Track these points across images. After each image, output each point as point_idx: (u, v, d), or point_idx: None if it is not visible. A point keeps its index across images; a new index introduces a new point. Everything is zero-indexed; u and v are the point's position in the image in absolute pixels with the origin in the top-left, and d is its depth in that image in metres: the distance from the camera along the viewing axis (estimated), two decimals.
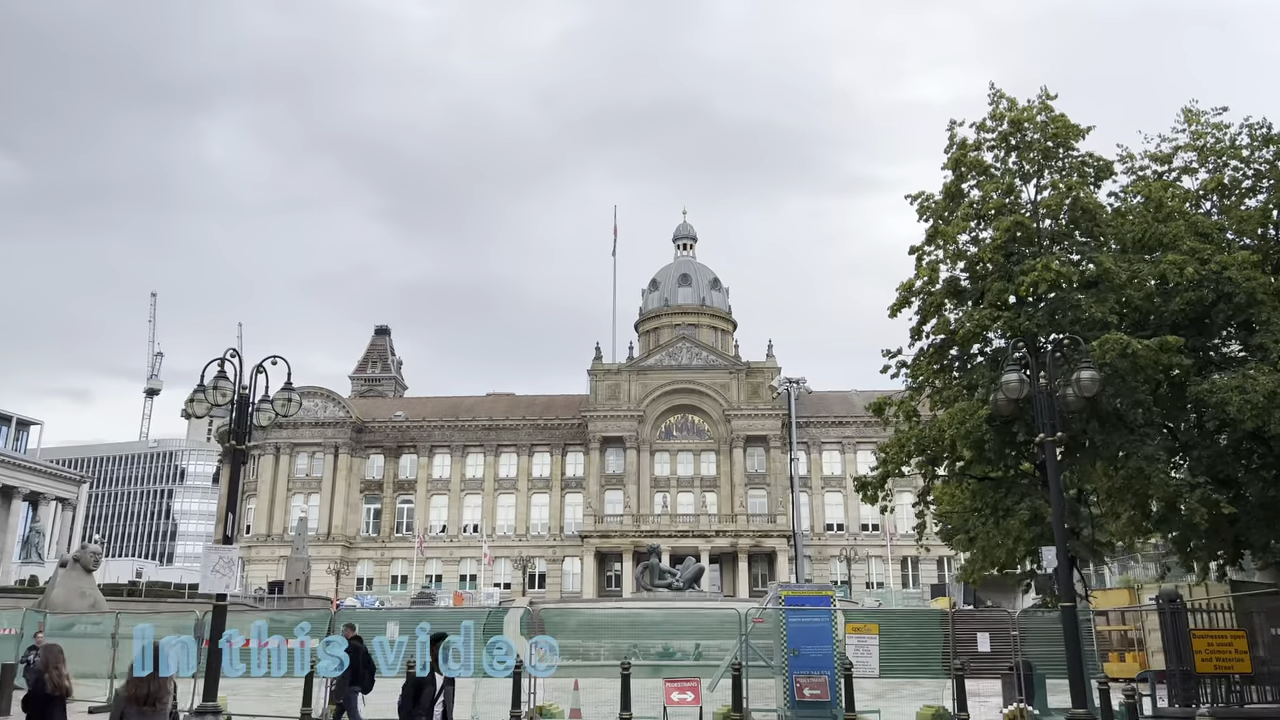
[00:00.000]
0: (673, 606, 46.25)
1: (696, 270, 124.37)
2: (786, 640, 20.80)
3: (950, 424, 22.51)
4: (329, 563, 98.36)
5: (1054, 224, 24.30)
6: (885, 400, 25.73)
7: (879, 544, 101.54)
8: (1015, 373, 20.15)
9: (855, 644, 19.99)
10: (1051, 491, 20.23)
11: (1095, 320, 22.33)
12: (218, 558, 21.20)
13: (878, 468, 25.61)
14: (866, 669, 19.84)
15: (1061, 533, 20.06)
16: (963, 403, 22.94)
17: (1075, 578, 23.85)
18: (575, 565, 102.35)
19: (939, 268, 25.66)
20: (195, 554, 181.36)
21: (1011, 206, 24.65)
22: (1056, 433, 20.19)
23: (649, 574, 62.34)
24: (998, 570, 24.26)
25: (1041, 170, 25.47)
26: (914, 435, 24.25)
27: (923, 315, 25.95)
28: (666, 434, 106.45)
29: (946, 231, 24.83)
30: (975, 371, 24.05)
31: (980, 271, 24.67)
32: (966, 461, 23.58)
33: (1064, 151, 25.35)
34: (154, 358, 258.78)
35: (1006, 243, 23.51)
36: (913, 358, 26.03)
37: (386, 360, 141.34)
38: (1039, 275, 21.81)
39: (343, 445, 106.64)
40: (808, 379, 29.43)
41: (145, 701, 10.23)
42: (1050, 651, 22.72)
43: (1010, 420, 22.21)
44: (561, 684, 21.80)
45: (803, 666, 20.65)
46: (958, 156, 26.08)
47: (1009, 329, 22.49)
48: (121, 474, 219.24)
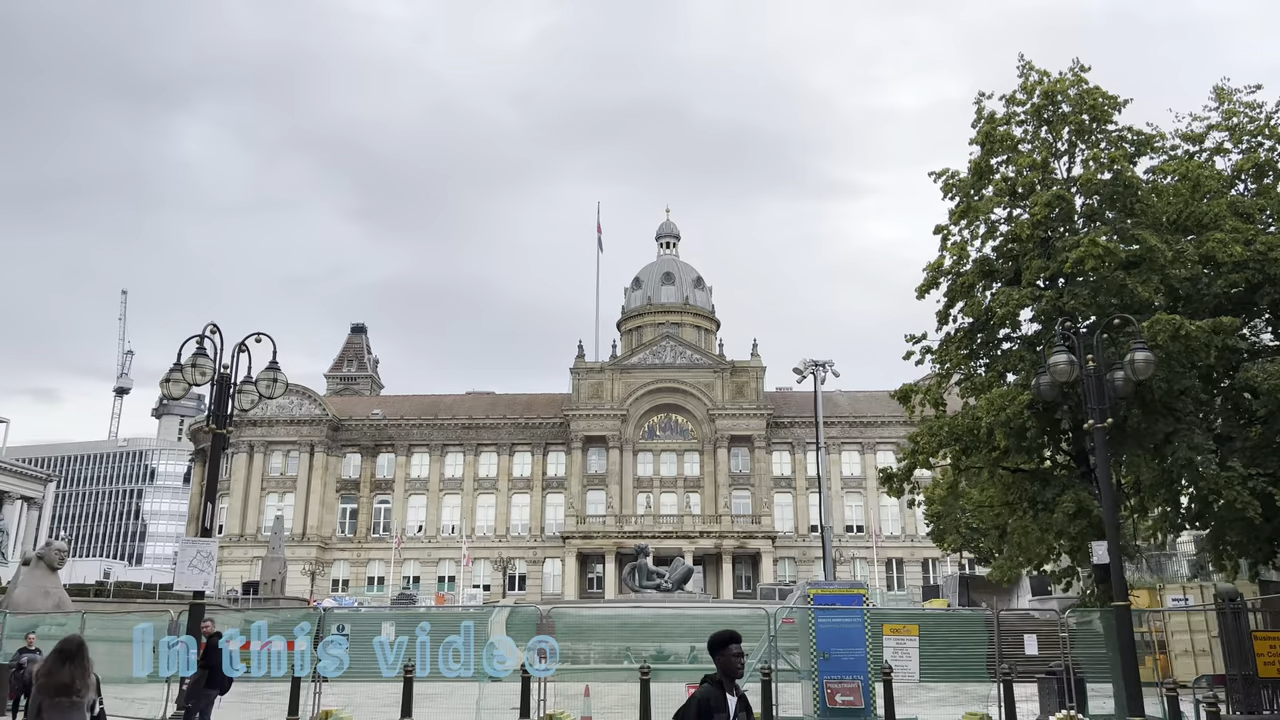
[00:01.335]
0: (689, 609, 44.76)
1: (680, 268, 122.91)
2: (815, 642, 19.18)
3: (987, 411, 21.02)
4: (304, 563, 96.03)
5: (1092, 200, 22.86)
6: (911, 388, 24.24)
7: (864, 546, 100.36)
8: (1064, 354, 18.69)
9: (894, 646, 18.43)
10: (1101, 481, 18.81)
11: (1141, 301, 20.96)
12: (195, 551, 19.39)
13: (904, 458, 24.11)
14: (906, 673, 18.30)
15: (1114, 525, 18.62)
16: (999, 388, 21.47)
17: None
18: (556, 567, 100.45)
19: (968, 247, 24.22)
20: (165, 555, 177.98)
21: (1046, 182, 23.24)
22: (1107, 418, 18.76)
23: (637, 574, 60.57)
24: (1035, 568, 22.81)
25: (1075, 145, 24.10)
26: (946, 423, 22.74)
27: (950, 297, 24.53)
28: (650, 433, 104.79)
29: (979, 207, 23.39)
30: (1011, 356, 22.59)
31: (1013, 251, 23.25)
32: (1001, 451, 22.11)
33: (1099, 125, 23.98)
34: (124, 356, 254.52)
35: (1046, 218, 22.06)
36: (939, 343, 24.56)
37: (363, 358, 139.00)
38: (1085, 251, 20.40)
39: (319, 444, 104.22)
40: (835, 362, 27.80)
41: (60, 692, 8.78)
42: (1088, 655, 21.30)
43: (1052, 406, 20.81)
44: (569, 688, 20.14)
45: (834, 671, 19.07)
46: (987, 130, 24.69)
47: (1051, 309, 21.05)
48: (90, 473, 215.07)
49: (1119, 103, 23.76)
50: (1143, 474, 20.60)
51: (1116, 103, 23.72)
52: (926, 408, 24.06)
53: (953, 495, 24.79)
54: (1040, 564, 22.33)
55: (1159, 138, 24.36)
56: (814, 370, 27.95)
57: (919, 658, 18.21)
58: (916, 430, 23.61)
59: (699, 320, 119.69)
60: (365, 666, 19.49)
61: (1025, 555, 21.91)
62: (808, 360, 27.90)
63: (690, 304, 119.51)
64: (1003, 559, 23.04)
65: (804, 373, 28.26)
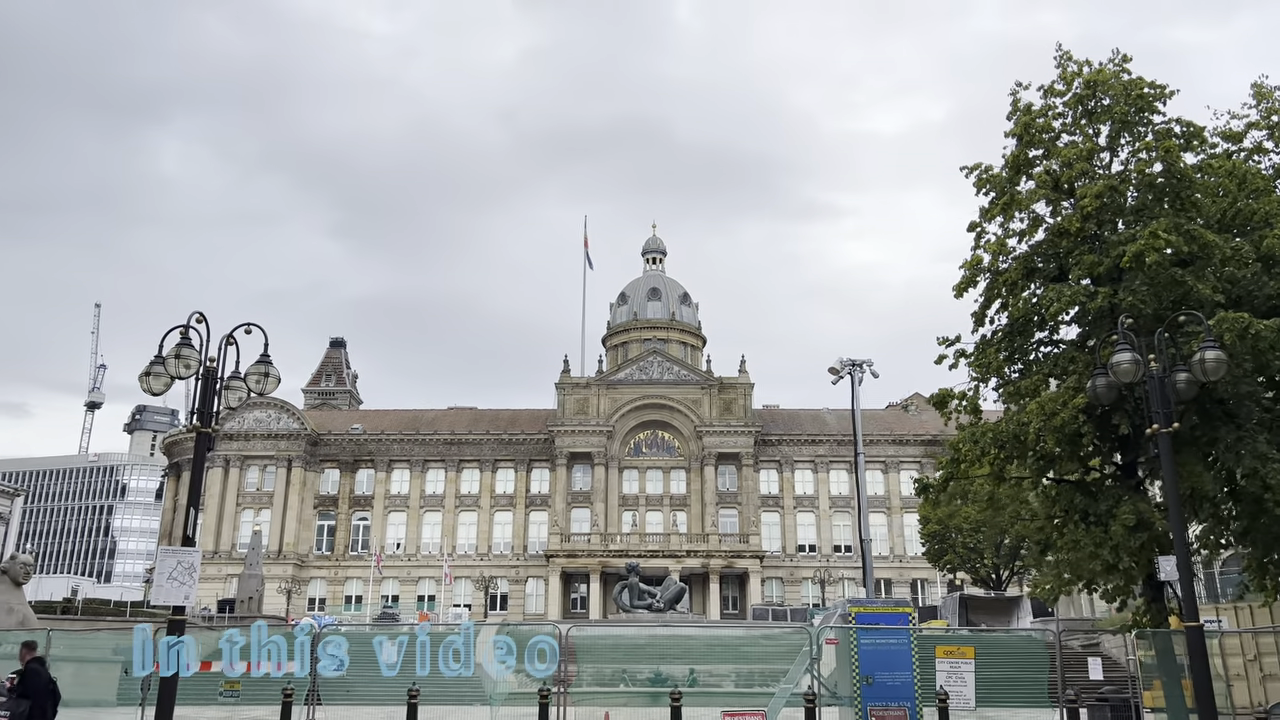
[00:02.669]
0: (719, 630, 43.19)
1: (666, 284, 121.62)
2: (858, 666, 17.53)
3: (1037, 415, 19.51)
4: (280, 581, 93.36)
5: (1143, 193, 21.49)
6: (947, 393, 22.68)
7: (853, 566, 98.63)
8: (1128, 352, 17.23)
9: (947, 670, 16.85)
10: (1168, 492, 17.32)
11: (1200, 299, 19.57)
12: (175, 562, 17.48)
13: (942, 467, 22.53)
14: (961, 700, 16.70)
15: (1182, 539, 17.13)
16: (1049, 391, 19.99)
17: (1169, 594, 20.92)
18: (539, 586, 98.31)
19: (1007, 243, 22.80)
20: (136, 573, 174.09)
21: (1092, 175, 21.89)
22: (1172, 423, 17.30)
23: (628, 594, 58.79)
24: (1085, 586, 21.28)
25: (1119, 137, 22.76)
26: (989, 430, 21.20)
27: (987, 297, 23.07)
28: (635, 450, 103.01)
29: (1021, 200, 21.97)
30: (1060, 357, 21.12)
31: (1057, 247, 21.84)
32: (1049, 459, 20.61)
33: (1145, 116, 22.66)
34: (96, 370, 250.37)
35: (1097, 210, 20.67)
36: (976, 345, 23.08)
37: (341, 373, 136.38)
38: (1145, 244, 18.98)
39: (296, 458, 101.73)
40: (874, 362, 26.06)
41: None
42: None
43: (1109, 410, 19.34)
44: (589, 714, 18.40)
45: (878, 697, 17.45)
46: (1025, 122, 23.30)
47: (1107, 306, 19.62)
48: (59, 489, 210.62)
49: (1166, 93, 22.51)
50: (1205, 485, 19.14)
51: (1163, 93, 22.46)
52: (963, 414, 22.56)
53: (993, 508, 23.17)
54: (1090, 581, 20.85)
55: (1205, 131, 23.12)
56: (850, 370, 26.35)
57: (975, 683, 16.63)
58: (955, 437, 22.09)
59: (685, 336, 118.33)
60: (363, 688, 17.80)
61: (1075, 572, 20.42)
62: (844, 359, 26.33)
63: (677, 320, 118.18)
64: (1049, 576, 21.51)
65: (840, 373, 26.70)
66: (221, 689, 18.13)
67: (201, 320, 18.69)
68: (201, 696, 24.07)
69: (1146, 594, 20.66)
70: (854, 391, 27.01)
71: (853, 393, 27.06)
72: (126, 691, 24.23)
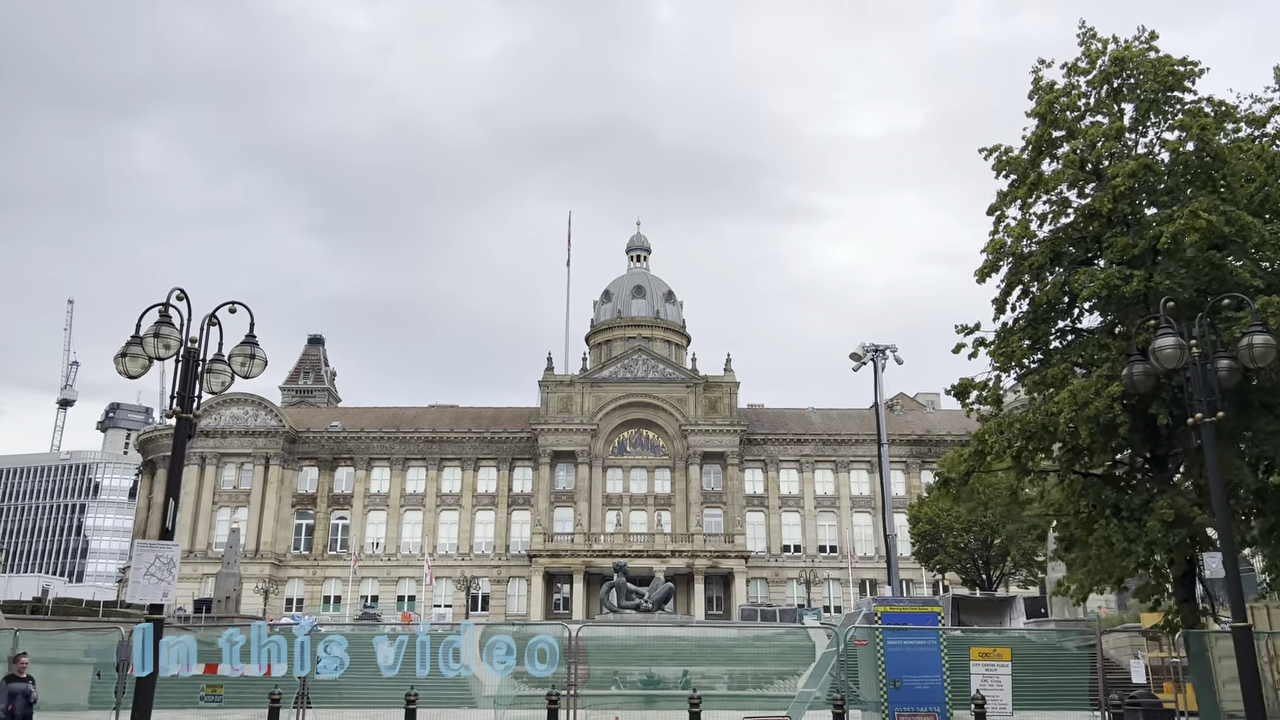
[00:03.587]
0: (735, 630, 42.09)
1: (651, 282, 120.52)
2: (885, 668, 16.47)
3: (1069, 404, 18.53)
4: (257, 581, 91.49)
5: (1175, 175, 20.58)
6: (968, 383, 21.68)
7: (838, 566, 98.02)
8: (1171, 336, 16.26)
9: (982, 673, 15.83)
10: (1213, 485, 16.36)
11: (1239, 283, 18.66)
12: (153, 557, 16.20)
13: (964, 461, 21.51)
14: (997, 704, 15.68)
15: (1228, 534, 16.17)
16: (1079, 380, 19.02)
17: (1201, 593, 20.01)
18: (521, 587, 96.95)
19: (1029, 225, 21.84)
20: (108, 572, 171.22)
21: (1121, 154, 20.97)
22: (1216, 411, 16.35)
23: (616, 594, 57.58)
24: (1115, 584, 20.32)
25: (1147, 117, 21.84)
26: (1016, 420, 20.20)
27: (1009, 282, 22.10)
28: (620, 449, 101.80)
29: (1048, 180, 21.00)
30: (1089, 343, 20.15)
31: (1085, 230, 20.89)
32: (1077, 451, 19.64)
33: (1173, 95, 21.75)
34: (69, 367, 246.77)
35: (1130, 190, 19.72)
36: (996, 333, 22.09)
37: (320, 370, 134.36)
38: (1184, 225, 18.03)
39: (274, 456, 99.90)
40: (898, 347, 25.10)
41: None
42: None
43: (1145, 399, 18.39)
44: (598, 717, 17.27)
45: (906, 701, 16.44)
46: (1049, 100, 22.35)
47: (1142, 290, 18.67)
48: (29, 487, 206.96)
49: (1196, 71, 21.63)
50: (1245, 479, 18.22)
51: (1194, 71, 21.59)
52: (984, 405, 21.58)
53: (1014, 503, 22.16)
54: (1121, 579, 19.90)
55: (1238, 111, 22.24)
56: (874, 356, 25.24)
57: (1012, 686, 15.62)
58: (982, 428, 21.09)
59: (670, 335, 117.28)
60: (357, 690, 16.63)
61: (1109, 570, 19.45)
62: (867, 345, 25.22)
63: (661, 318, 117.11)
64: (1078, 574, 20.52)
65: (863, 358, 25.62)
66: (203, 692, 16.87)
67: (183, 298, 17.42)
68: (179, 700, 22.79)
69: (1178, 593, 19.73)
70: (877, 378, 25.94)
71: (875, 380, 25.99)
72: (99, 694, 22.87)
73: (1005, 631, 31.89)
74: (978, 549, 63.10)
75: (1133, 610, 47.80)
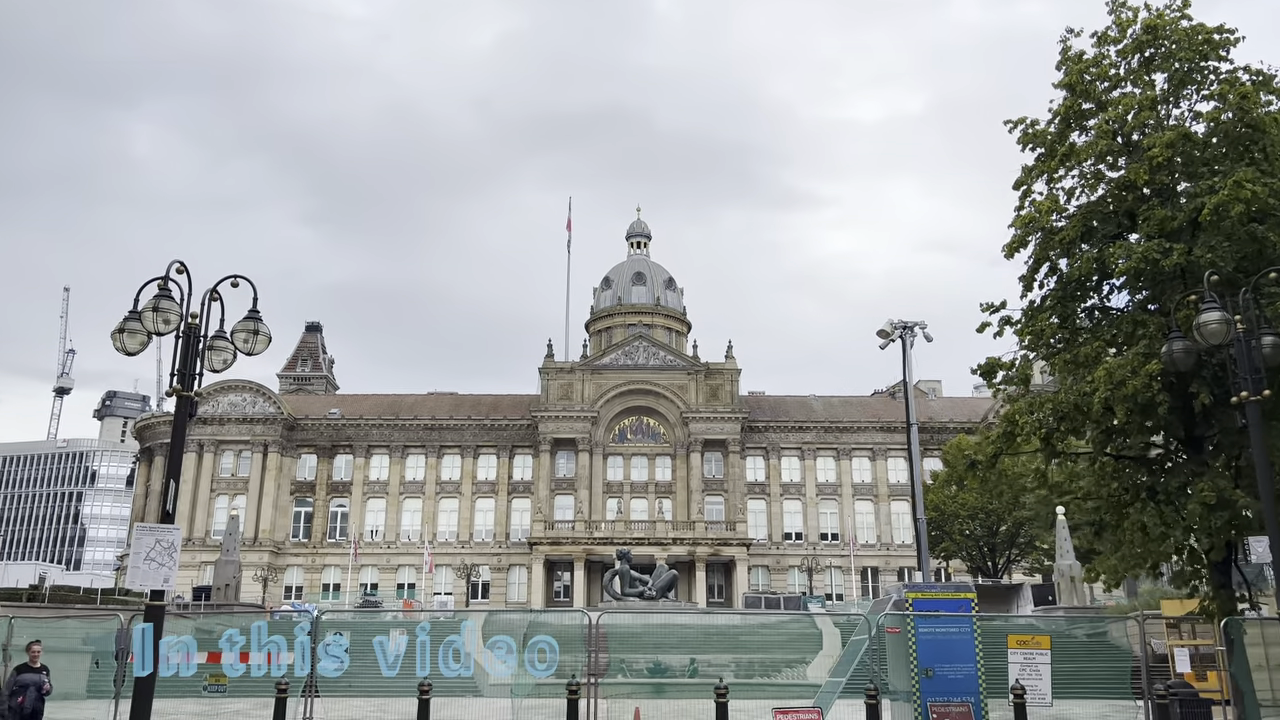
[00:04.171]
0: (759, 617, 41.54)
1: (651, 269, 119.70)
2: (916, 657, 15.81)
3: (1105, 383, 17.83)
4: (255, 569, 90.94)
5: (1214, 145, 19.85)
6: (995, 363, 20.99)
7: (840, 554, 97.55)
8: (1217, 311, 15.57)
9: (1020, 662, 15.19)
10: (1259, 466, 15.68)
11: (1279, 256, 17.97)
12: (154, 541, 15.54)
13: (991, 443, 20.83)
14: (1035, 694, 15.04)
15: (1275, 517, 15.48)
16: (1115, 358, 18.33)
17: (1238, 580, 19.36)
18: (521, 575, 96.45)
19: (1059, 198, 21.12)
20: (105, 560, 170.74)
21: (1158, 124, 20.23)
22: (1263, 389, 15.68)
23: (620, 581, 57.06)
24: (1150, 570, 19.68)
25: (1181, 86, 21.10)
26: (1049, 400, 19.51)
27: (1037, 258, 21.39)
28: (620, 437, 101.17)
29: (1081, 152, 20.26)
30: (1122, 321, 19.45)
31: (1118, 203, 20.17)
32: (1111, 433, 18.96)
33: (1207, 65, 21.00)
34: (65, 355, 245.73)
35: (1166, 163, 19.00)
36: (1024, 311, 21.39)
37: (318, 358, 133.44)
38: (1229, 195, 17.31)
39: (272, 443, 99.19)
40: (928, 324, 24.32)
41: None
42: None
43: (1185, 377, 17.70)
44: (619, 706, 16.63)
45: (938, 692, 15.78)
46: (1078, 71, 21.61)
47: (1182, 264, 17.96)
48: (26, 475, 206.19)
49: (1232, 39, 20.88)
50: None
51: (1230, 39, 20.84)
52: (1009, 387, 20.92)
53: (1044, 486, 21.49)
54: (1156, 564, 19.27)
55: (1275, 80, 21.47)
56: (902, 333, 24.48)
57: (1051, 676, 14.98)
58: (1011, 408, 20.42)
59: (670, 322, 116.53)
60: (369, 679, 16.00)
61: (1141, 554, 18.79)
62: (896, 321, 24.42)
63: (662, 305, 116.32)
64: (1112, 560, 19.86)
65: (891, 336, 24.88)
66: (206, 683, 16.21)
67: (183, 271, 16.69)
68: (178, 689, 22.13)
69: (1214, 579, 19.07)
70: (905, 357, 25.18)
71: (904, 358, 25.22)
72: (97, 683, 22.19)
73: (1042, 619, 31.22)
74: (983, 536, 62.51)
75: (1144, 597, 47.30)
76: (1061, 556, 50.80)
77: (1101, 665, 17.25)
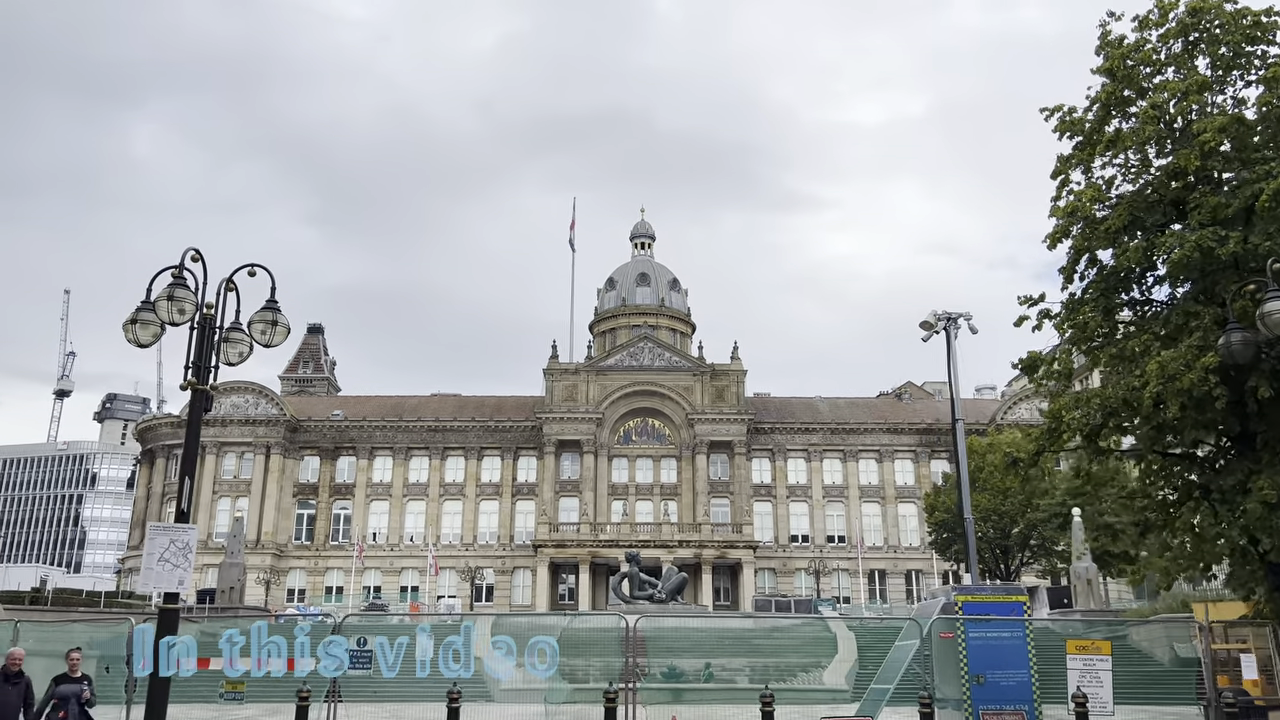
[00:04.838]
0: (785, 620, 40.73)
1: (655, 269, 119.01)
2: (967, 663, 15.08)
3: (1157, 377, 17.12)
4: (258, 572, 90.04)
5: (1266, 131, 19.15)
6: (1037, 357, 20.27)
7: (847, 556, 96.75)
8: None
9: (1080, 669, 14.47)
10: None
11: None
12: (168, 541, 14.85)
13: (1036, 440, 20.11)
14: (1098, 702, 14.32)
15: None
16: (1168, 351, 17.63)
17: None
18: (526, 578, 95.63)
19: (1100, 186, 20.42)
20: (106, 563, 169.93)
21: (1206, 109, 19.54)
22: None
23: (628, 584, 56.27)
24: (1203, 573, 18.98)
25: (1228, 72, 20.41)
26: (1096, 395, 18.77)
27: (1077, 249, 20.68)
28: (625, 438, 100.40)
29: (1125, 137, 19.55)
30: (1174, 313, 18.72)
31: (1166, 191, 19.46)
32: (1162, 429, 18.23)
33: (1254, 50, 20.31)
34: (66, 357, 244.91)
35: (1217, 149, 18.31)
36: (1064, 304, 20.68)
37: (319, 360, 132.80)
38: None
39: (275, 445, 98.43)
40: (972, 315, 23.62)
41: None
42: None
43: (1243, 370, 16.98)
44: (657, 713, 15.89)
45: (990, 699, 15.06)
46: (1119, 55, 20.90)
47: (1237, 253, 17.25)
48: (26, 477, 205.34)
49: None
50: None
51: (1278, 23, 20.15)
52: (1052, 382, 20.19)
53: (1086, 482, 20.75)
54: (1209, 565, 18.58)
55: None
56: (946, 325, 23.72)
57: (1112, 683, 14.26)
58: (1055, 404, 19.71)
59: (675, 323, 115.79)
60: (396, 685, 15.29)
61: (1201, 556, 18.09)
62: (939, 312, 23.66)
63: (666, 306, 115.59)
64: (1160, 562, 19.15)
65: (935, 327, 24.12)
66: (223, 689, 15.48)
67: (198, 259, 15.99)
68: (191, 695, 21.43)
69: (1270, 581, 18.34)
70: (950, 350, 24.39)
71: (948, 351, 24.43)
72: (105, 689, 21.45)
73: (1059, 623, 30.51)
74: (996, 539, 61.75)
75: (1165, 600, 46.52)
76: (1078, 559, 50.00)
77: (1158, 670, 16.57)
